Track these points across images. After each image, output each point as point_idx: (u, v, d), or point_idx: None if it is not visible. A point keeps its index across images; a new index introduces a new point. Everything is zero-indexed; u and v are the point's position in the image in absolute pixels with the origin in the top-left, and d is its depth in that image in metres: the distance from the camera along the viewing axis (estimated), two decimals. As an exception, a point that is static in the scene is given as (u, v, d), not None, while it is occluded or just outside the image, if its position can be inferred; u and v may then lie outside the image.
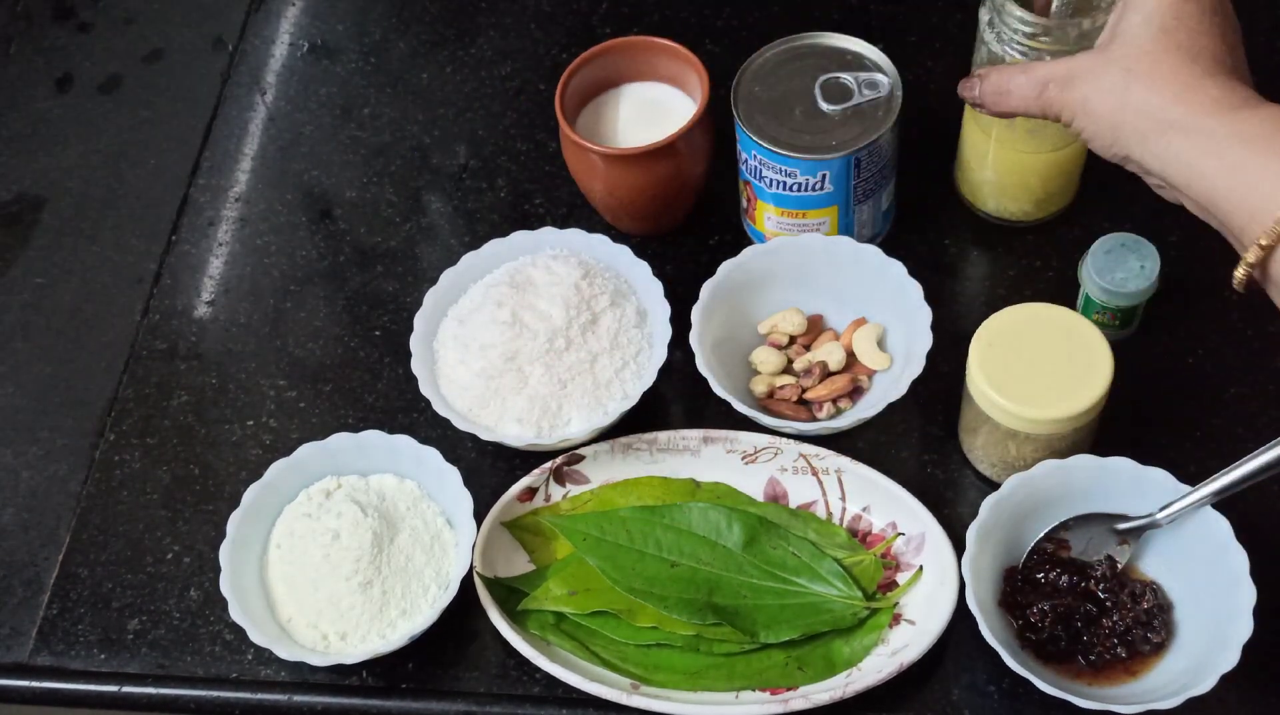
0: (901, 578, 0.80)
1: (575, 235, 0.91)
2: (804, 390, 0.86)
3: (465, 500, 0.81)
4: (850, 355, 0.87)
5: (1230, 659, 0.70)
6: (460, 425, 0.84)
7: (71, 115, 1.09)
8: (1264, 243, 0.61)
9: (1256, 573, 0.73)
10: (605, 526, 0.81)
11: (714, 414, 0.86)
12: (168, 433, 0.92)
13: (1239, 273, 0.63)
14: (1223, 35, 0.67)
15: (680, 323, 0.85)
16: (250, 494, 0.82)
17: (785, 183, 0.86)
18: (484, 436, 0.83)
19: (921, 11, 1.05)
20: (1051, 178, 0.89)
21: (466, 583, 0.79)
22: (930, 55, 1.01)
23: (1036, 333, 0.78)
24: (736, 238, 0.94)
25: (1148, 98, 0.65)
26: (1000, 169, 0.89)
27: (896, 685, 0.75)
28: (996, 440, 0.80)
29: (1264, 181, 0.61)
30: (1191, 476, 0.76)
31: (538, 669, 0.78)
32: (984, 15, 0.81)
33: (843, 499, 0.83)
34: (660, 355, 0.85)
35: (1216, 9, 0.68)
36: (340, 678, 0.81)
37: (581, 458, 0.84)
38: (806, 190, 0.86)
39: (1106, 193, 0.93)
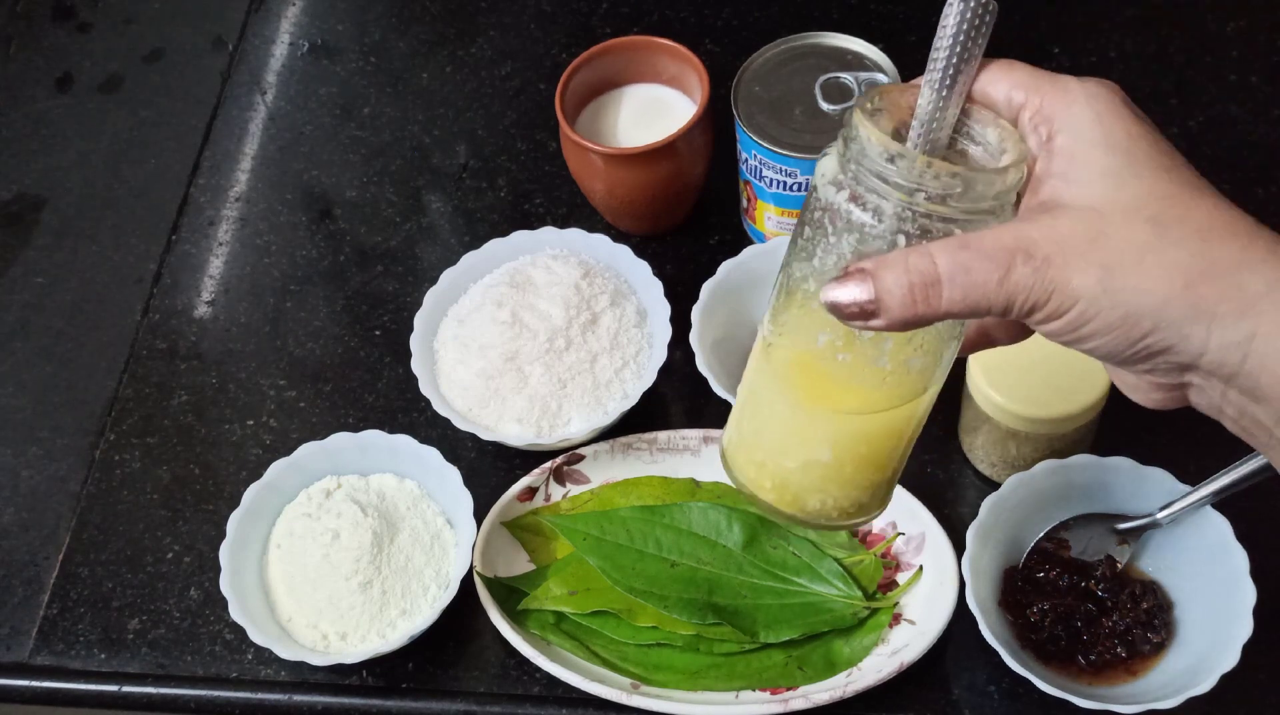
0: (901, 577, 0.80)
1: (575, 235, 0.91)
2: (804, 390, 0.86)
3: (465, 500, 0.81)
4: (850, 355, 0.87)
5: (1230, 659, 0.70)
6: (460, 425, 0.84)
7: (71, 115, 1.09)
8: None
9: (1256, 573, 0.73)
10: (605, 526, 0.81)
11: (714, 414, 0.86)
12: (168, 432, 0.92)
13: None
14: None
15: (680, 322, 0.85)
16: (250, 494, 0.82)
17: (785, 182, 0.86)
18: (484, 436, 0.83)
19: (921, 11, 1.05)
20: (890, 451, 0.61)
21: (466, 582, 0.79)
22: (930, 55, 1.01)
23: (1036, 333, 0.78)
24: (736, 238, 0.94)
25: (1207, 256, 0.43)
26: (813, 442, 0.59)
27: (896, 685, 0.75)
28: (996, 440, 0.80)
29: None
30: (1191, 476, 0.75)
31: (538, 669, 0.78)
32: (829, 189, 0.50)
33: (843, 499, 0.83)
34: (660, 355, 0.85)
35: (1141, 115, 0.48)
36: (340, 677, 0.81)
37: (581, 457, 0.84)
38: (807, 190, 0.86)
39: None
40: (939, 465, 0.85)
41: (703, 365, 0.83)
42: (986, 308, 0.46)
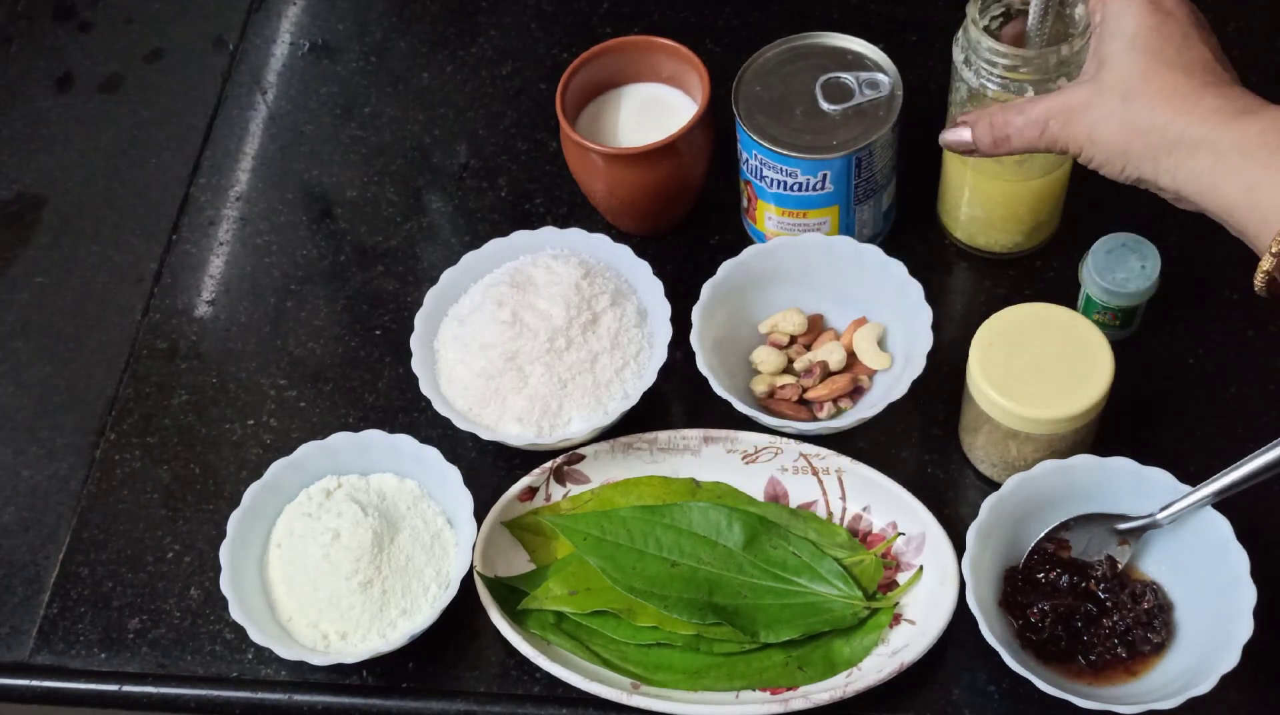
0: (902, 578, 0.80)
1: (576, 235, 0.91)
2: (804, 390, 0.86)
3: (465, 500, 0.81)
4: (851, 355, 0.87)
5: (1230, 659, 0.70)
6: (460, 425, 0.84)
7: (71, 115, 1.09)
8: (1275, 249, 0.63)
9: (1256, 573, 0.73)
10: (605, 526, 0.81)
11: (714, 414, 0.86)
12: (168, 432, 0.92)
13: (1258, 279, 0.64)
14: (1208, 44, 0.69)
15: (680, 322, 0.85)
16: (250, 493, 0.82)
17: (786, 182, 0.86)
18: (484, 436, 0.83)
19: (922, 11, 1.05)
20: (1043, 204, 0.88)
21: (467, 582, 0.79)
22: (931, 55, 1.01)
23: (1036, 333, 0.78)
24: (736, 237, 0.94)
25: (1150, 118, 0.66)
26: (989, 203, 0.88)
27: (896, 685, 0.75)
28: (997, 440, 0.80)
29: (1272, 193, 0.63)
30: (1191, 476, 0.75)
31: (538, 669, 0.78)
32: (958, 54, 0.80)
33: (843, 499, 0.83)
34: (660, 355, 0.85)
35: (1196, 21, 0.69)
36: (340, 677, 0.81)
37: (582, 457, 0.84)
38: (807, 190, 0.86)
39: (1106, 193, 0.93)
40: (939, 465, 0.85)
41: (703, 365, 0.83)
42: (1040, 149, 0.72)
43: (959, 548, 0.76)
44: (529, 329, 0.85)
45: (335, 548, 0.80)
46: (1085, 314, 0.85)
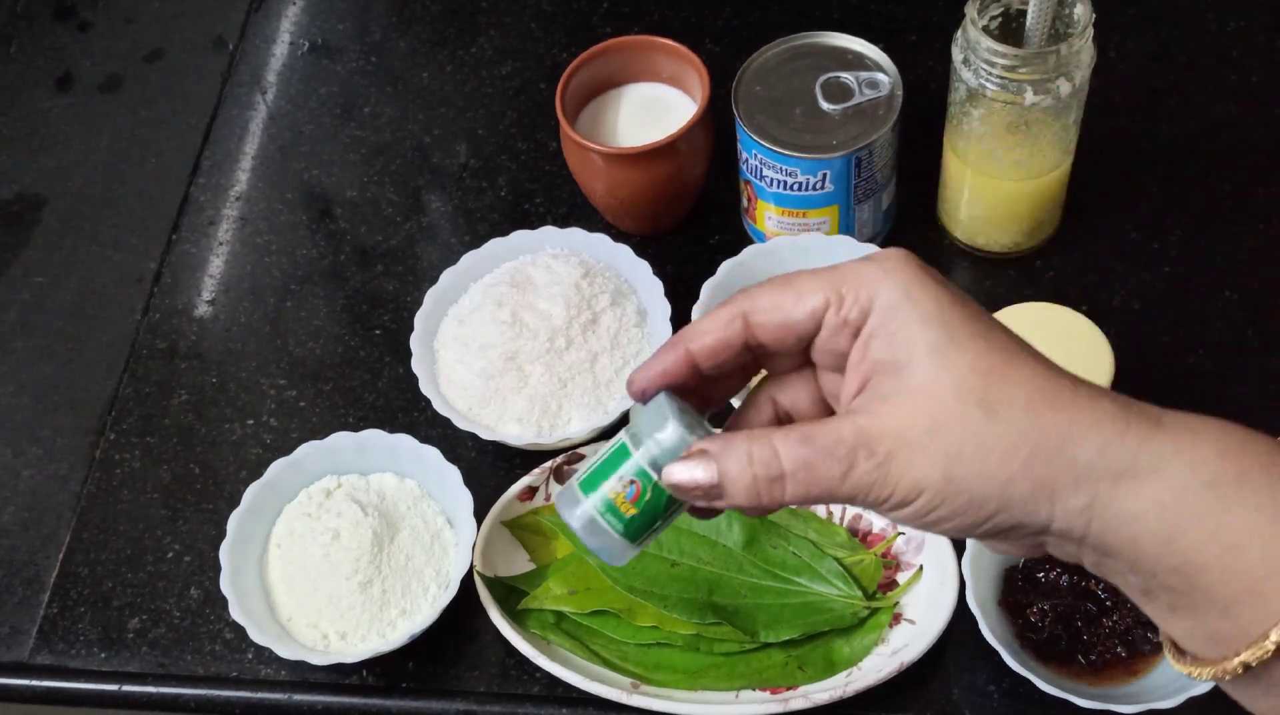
0: (902, 577, 0.80)
1: (576, 235, 0.91)
2: (804, 390, 0.86)
3: (465, 499, 0.81)
4: (850, 355, 0.87)
5: (1230, 658, 0.70)
6: (460, 424, 0.84)
7: (71, 115, 1.09)
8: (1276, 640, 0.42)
9: (1256, 572, 0.73)
10: (605, 526, 0.81)
11: (714, 413, 0.86)
12: (168, 432, 0.92)
13: (1235, 665, 0.43)
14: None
15: (681, 322, 0.85)
16: (250, 493, 0.82)
17: (786, 182, 0.86)
18: (484, 436, 0.83)
19: (922, 11, 1.05)
20: (1042, 203, 0.88)
21: (466, 582, 0.79)
22: (930, 55, 1.01)
23: (1036, 333, 0.77)
24: (736, 237, 0.94)
25: (1042, 431, 0.44)
26: (989, 202, 0.88)
27: (896, 685, 0.75)
28: (997, 440, 0.79)
29: (1270, 546, 0.43)
30: (1192, 476, 0.75)
31: (538, 668, 0.78)
32: (957, 54, 0.80)
33: (843, 498, 0.83)
34: (660, 355, 0.85)
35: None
36: (340, 677, 0.81)
37: (582, 457, 0.84)
38: (807, 190, 0.86)
39: (1107, 192, 0.93)
40: (939, 465, 0.85)
41: (703, 365, 0.83)
42: (831, 499, 0.47)
43: (959, 547, 0.76)
44: (529, 329, 0.85)
45: (335, 548, 0.80)
46: (633, 536, 0.51)
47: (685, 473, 0.48)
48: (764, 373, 0.53)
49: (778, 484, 0.47)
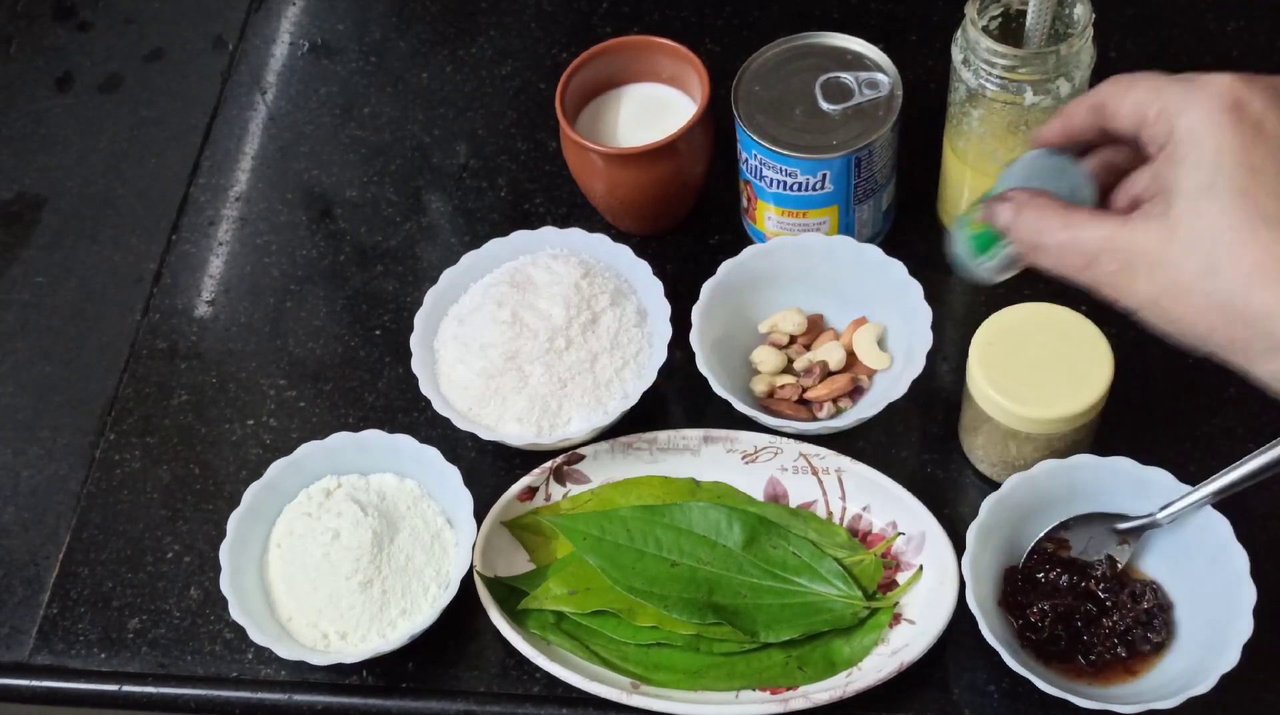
0: (901, 577, 0.80)
1: (575, 235, 0.91)
2: (804, 390, 0.86)
3: (465, 499, 0.81)
4: (850, 355, 0.87)
5: (1230, 659, 0.70)
6: (460, 424, 0.84)
7: (71, 115, 1.09)
8: None
9: (1256, 573, 0.73)
10: (605, 526, 0.81)
11: (714, 414, 0.86)
12: (168, 432, 0.92)
13: None
14: None
15: (680, 322, 0.85)
16: (250, 493, 0.82)
17: (786, 182, 0.86)
18: (484, 436, 0.83)
19: (922, 11, 1.05)
20: None
21: (467, 582, 0.79)
22: (930, 55, 1.01)
23: (1036, 333, 0.78)
24: (736, 237, 0.94)
25: (1246, 305, 0.49)
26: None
27: (896, 685, 0.75)
28: (996, 440, 0.80)
29: None
30: (1191, 476, 0.75)
31: (538, 668, 0.78)
32: (957, 54, 0.80)
33: (843, 498, 0.83)
34: (660, 355, 0.85)
35: None
36: (340, 677, 0.81)
37: (581, 457, 0.84)
38: (807, 190, 0.86)
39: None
40: (939, 465, 0.85)
41: (703, 365, 0.83)
42: (1080, 283, 0.56)
43: (959, 547, 0.76)
44: (529, 329, 0.85)
45: (335, 548, 0.80)
46: (981, 251, 0.66)
47: (993, 206, 0.60)
48: None
49: (1040, 251, 0.57)
